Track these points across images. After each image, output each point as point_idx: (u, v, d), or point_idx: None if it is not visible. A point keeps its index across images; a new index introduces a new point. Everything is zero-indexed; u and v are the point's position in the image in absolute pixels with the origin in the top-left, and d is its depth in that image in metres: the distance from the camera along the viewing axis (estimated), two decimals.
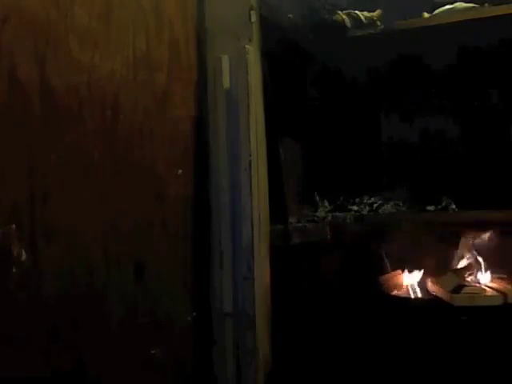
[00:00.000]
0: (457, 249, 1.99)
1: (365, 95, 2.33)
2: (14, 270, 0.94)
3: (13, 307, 0.94)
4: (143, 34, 1.28)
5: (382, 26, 2.03)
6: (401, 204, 2.14)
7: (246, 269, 1.40)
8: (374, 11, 2.06)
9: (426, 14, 2.02)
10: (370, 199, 2.15)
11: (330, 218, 1.95)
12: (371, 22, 2.04)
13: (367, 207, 2.12)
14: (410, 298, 1.86)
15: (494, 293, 1.74)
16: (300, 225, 1.77)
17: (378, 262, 2.04)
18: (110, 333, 1.15)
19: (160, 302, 1.29)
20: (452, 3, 1.98)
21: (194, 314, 1.39)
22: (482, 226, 1.92)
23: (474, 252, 1.94)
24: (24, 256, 0.95)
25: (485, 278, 1.87)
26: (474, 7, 1.93)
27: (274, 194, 1.54)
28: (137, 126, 1.25)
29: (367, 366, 1.77)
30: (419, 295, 1.87)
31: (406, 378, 1.72)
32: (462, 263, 1.95)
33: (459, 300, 1.69)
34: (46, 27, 1.02)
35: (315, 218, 1.92)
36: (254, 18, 1.46)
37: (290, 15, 1.87)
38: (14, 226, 0.94)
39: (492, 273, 1.90)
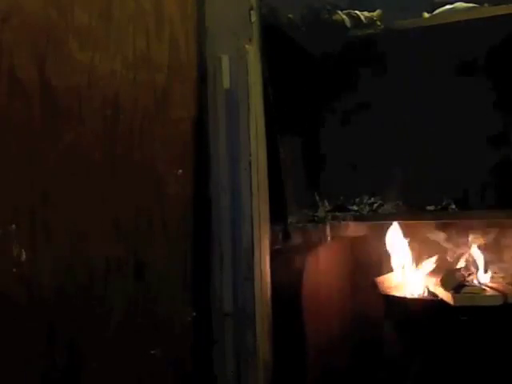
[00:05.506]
0: (457, 249, 1.99)
1: (365, 95, 2.33)
2: (13, 270, 0.94)
3: (12, 307, 0.94)
4: (143, 33, 1.28)
5: (382, 26, 2.03)
6: (401, 204, 2.13)
7: (246, 269, 1.40)
8: (373, 11, 2.07)
9: (425, 14, 2.02)
10: (369, 199, 2.14)
11: (330, 217, 1.95)
12: (371, 21, 2.04)
13: (367, 207, 2.11)
14: (409, 298, 1.86)
15: (494, 293, 1.74)
16: (300, 225, 1.77)
17: (377, 262, 2.04)
18: (110, 332, 1.14)
19: (160, 302, 1.29)
20: (452, 3, 1.98)
21: (194, 313, 1.39)
22: (482, 226, 1.92)
23: (475, 252, 1.93)
24: (24, 256, 0.95)
25: (485, 278, 1.87)
26: (474, 7, 1.94)
27: (274, 194, 1.54)
28: (137, 126, 1.25)
29: (367, 365, 1.77)
30: (419, 295, 1.87)
31: (405, 377, 1.72)
32: (462, 263, 1.95)
33: (459, 300, 1.69)
34: (46, 27, 1.02)
35: (315, 218, 1.91)
36: (254, 18, 1.46)
37: (290, 15, 1.87)
38: (13, 225, 0.94)
39: (492, 273, 1.90)
